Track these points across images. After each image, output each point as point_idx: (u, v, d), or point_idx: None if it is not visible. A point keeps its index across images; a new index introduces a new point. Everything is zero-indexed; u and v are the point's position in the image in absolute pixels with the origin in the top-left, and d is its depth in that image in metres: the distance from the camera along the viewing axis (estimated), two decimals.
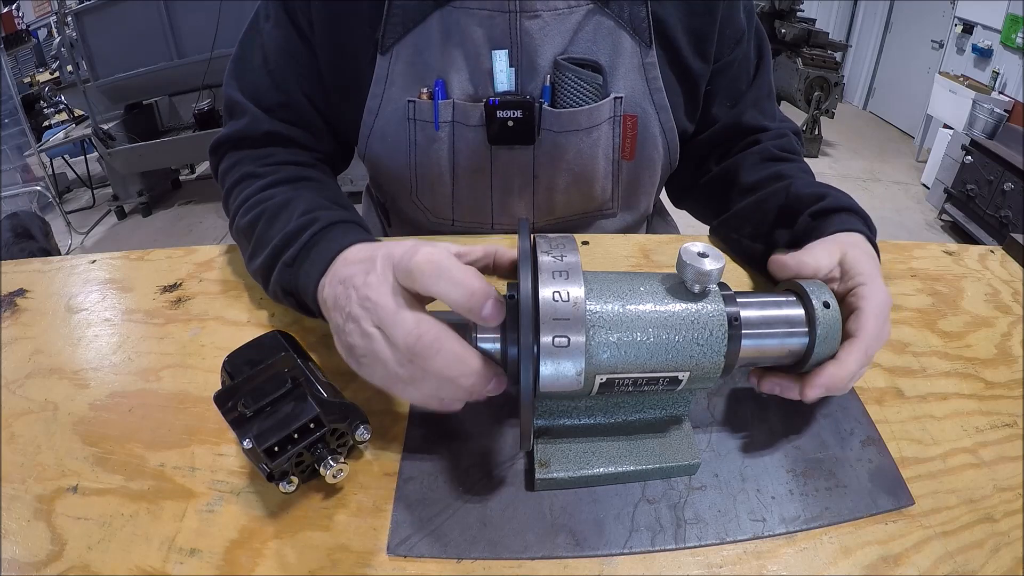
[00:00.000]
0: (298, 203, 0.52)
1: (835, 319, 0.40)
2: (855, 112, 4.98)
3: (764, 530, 0.38)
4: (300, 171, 0.60)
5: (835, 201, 0.54)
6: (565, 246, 0.37)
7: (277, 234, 0.49)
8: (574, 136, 0.63)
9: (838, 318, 0.40)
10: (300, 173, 0.60)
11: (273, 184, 0.57)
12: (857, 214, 0.54)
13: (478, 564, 0.36)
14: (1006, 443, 0.45)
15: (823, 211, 0.53)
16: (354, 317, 0.38)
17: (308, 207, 0.51)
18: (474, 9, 0.58)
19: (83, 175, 3.61)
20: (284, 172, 0.59)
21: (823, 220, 0.53)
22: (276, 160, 0.61)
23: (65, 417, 0.45)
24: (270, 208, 0.53)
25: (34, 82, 3.66)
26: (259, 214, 0.53)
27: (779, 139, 0.67)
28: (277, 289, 0.49)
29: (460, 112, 0.62)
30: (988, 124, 3.05)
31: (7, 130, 3.37)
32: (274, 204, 0.53)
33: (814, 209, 0.54)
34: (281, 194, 0.55)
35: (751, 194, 0.62)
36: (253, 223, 0.53)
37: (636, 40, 0.61)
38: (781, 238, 0.56)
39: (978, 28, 3.51)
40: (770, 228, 0.58)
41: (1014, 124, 3.04)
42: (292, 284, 0.47)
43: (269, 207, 0.53)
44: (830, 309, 0.40)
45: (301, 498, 0.39)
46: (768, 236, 0.58)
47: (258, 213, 0.53)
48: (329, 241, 0.46)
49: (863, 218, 0.54)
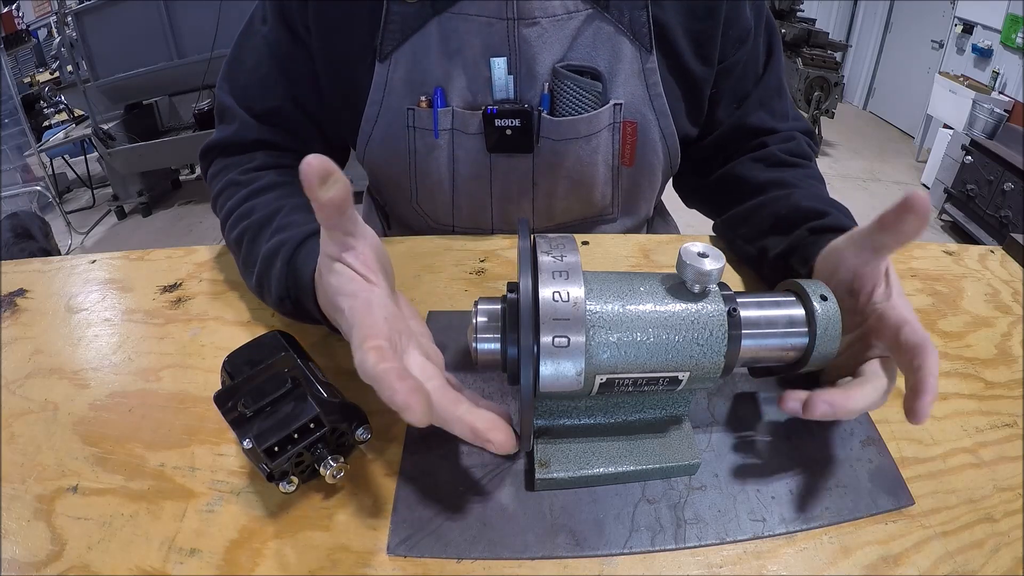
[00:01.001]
0: (275, 219, 0.52)
1: (834, 315, 0.40)
2: (855, 112, 4.98)
3: (764, 530, 0.38)
4: (282, 176, 0.60)
5: (836, 221, 0.52)
6: (565, 246, 0.37)
7: (258, 257, 0.50)
8: (573, 144, 0.63)
9: (837, 313, 0.40)
10: (282, 178, 0.59)
11: (254, 194, 0.57)
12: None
13: (478, 564, 0.36)
14: (1006, 443, 0.45)
15: (823, 229, 0.52)
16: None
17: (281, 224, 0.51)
18: (472, 16, 0.58)
19: (83, 175, 3.61)
20: (266, 179, 0.58)
21: (822, 237, 0.50)
22: (259, 165, 0.61)
23: (65, 417, 0.45)
24: (252, 226, 0.53)
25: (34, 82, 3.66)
26: (243, 231, 0.54)
27: (786, 142, 0.65)
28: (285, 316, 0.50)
29: (459, 120, 0.62)
30: (988, 124, 3.05)
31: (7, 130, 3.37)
32: (255, 222, 0.53)
33: (814, 225, 0.52)
34: (261, 207, 0.54)
35: (752, 198, 0.61)
36: (239, 240, 0.54)
37: (636, 45, 0.60)
38: (775, 245, 0.55)
39: (978, 28, 3.51)
40: (765, 233, 0.57)
41: (1014, 124, 3.04)
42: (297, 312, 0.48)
43: (251, 225, 0.53)
44: (828, 303, 0.40)
45: (301, 498, 0.39)
46: (763, 241, 0.57)
47: (241, 231, 0.54)
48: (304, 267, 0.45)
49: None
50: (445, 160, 0.64)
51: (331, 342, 0.51)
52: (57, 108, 3.56)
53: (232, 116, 0.62)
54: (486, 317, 0.38)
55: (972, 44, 3.54)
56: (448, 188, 0.67)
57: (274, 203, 0.54)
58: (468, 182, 0.66)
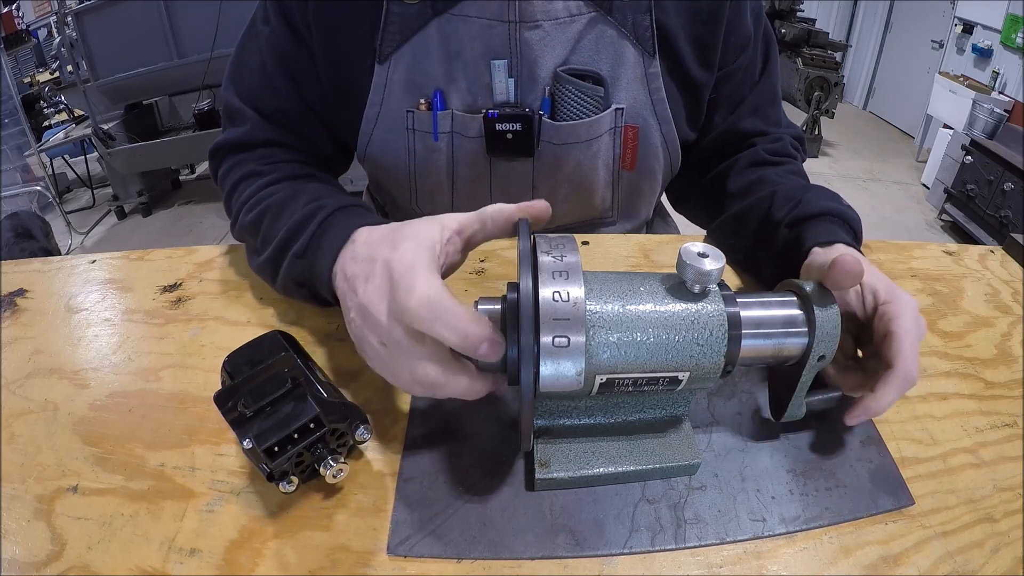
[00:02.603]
0: (302, 195, 0.53)
1: (834, 317, 0.40)
2: (855, 112, 4.98)
3: (764, 530, 0.38)
4: (301, 168, 0.61)
5: (809, 206, 0.52)
6: (565, 246, 0.37)
7: (283, 227, 0.50)
8: (574, 148, 0.62)
9: (837, 313, 0.40)
10: (301, 170, 0.60)
11: (276, 181, 0.57)
12: (834, 216, 0.52)
13: (478, 564, 0.36)
14: (1006, 443, 0.45)
15: (798, 220, 0.52)
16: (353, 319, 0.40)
17: (312, 197, 0.51)
18: (473, 18, 0.57)
19: (83, 175, 3.61)
20: (286, 169, 0.59)
21: (801, 230, 0.51)
22: (276, 159, 0.61)
23: (65, 417, 0.45)
24: (275, 204, 0.53)
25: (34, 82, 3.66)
26: (264, 210, 0.53)
27: (773, 143, 0.66)
28: (288, 282, 0.50)
29: (459, 123, 0.61)
30: (988, 124, 3.05)
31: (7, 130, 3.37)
32: (278, 200, 0.53)
33: (789, 219, 0.52)
34: (284, 190, 0.55)
35: (736, 200, 0.61)
36: (258, 219, 0.54)
37: (639, 50, 0.60)
38: (765, 259, 0.56)
39: (978, 28, 3.51)
40: (755, 247, 0.57)
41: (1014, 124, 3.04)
42: (306, 275, 0.47)
43: (273, 203, 0.53)
44: (829, 308, 0.40)
45: (301, 498, 0.39)
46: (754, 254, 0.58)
47: (263, 209, 0.54)
48: (336, 229, 0.46)
49: (842, 219, 0.52)
50: (444, 163, 0.64)
51: (331, 342, 0.51)
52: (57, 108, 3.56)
53: (243, 117, 0.62)
54: (486, 317, 0.38)
55: (972, 44, 3.54)
56: (447, 190, 0.66)
57: (296, 187, 0.55)
58: (467, 185, 0.66)
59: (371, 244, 0.42)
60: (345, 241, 0.44)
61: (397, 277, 0.37)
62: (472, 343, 0.34)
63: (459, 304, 0.35)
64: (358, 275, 0.40)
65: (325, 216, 0.48)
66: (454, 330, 0.34)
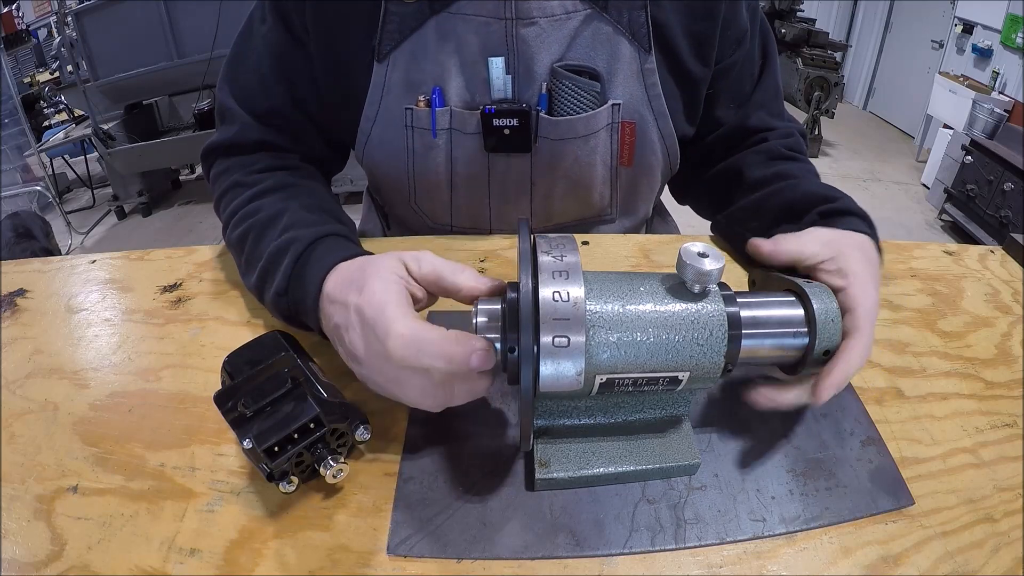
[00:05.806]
0: (282, 217, 0.52)
1: (835, 318, 0.40)
2: (855, 112, 4.98)
3: (764, 530, 0.38)
4: (288, 177, 0.60)
5: (846, 205, 0.54)
6: (565, 246, 0.37)
7: (264, 253, 0.50)
8: (571, 144, 0.63)
9: (837, 313, 0.40)
10: (287, 180, 0.60)
11: (260, 195, 0.57)
12: (865, 221, 0.54)
13: (478, 564, 0.36)
14: (1006, 443, 0.45)
15: (833, 212, 0.53)
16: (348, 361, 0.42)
17: (290, 222, 0.52)
18: (470, 16, 0.58)
19: (83, 175, 3.62)
20: (272, 180, 0.59)
21: (832, 221, 0.52)
22: (264, 167, 0.61)
23: (65, 417, 0.45)
24: (257, 224, 0.53)
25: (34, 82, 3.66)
26: (247, 230, 0.54)
27: (786, 138, 0.66)
28: (276, 313, 0.50)
29: (457, 120, 0.62)
30: (988, 124, 3.05)
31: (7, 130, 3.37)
32: (260, 221, 0.54)
33: (824, 208, 0.54)
34: (267, 207, 0.55)
35: (756, 191, 0.62)
36: (243, 238, 0.54)
37: (635, 46, 0.60)
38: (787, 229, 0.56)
39: (978, 28, 3.51)
40: (775, 223, 0.58)
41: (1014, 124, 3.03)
42: (291, 314, 0.48)
43: (256, 223, 0.54)
44: (830, 309, 0.40)
45: (301, 498, 0.39)
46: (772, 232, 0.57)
47: (246, 229, 0.54)
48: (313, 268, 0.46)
49: (871, 225, 0.54)
50: (443, 160, 0.64)
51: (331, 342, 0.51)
52: (57, 108, 3.56)
53: (233, 117, 0.62)
54: (486, 317, 0.38)
55: (972, 44, 3.54)
56: (446, 188, 0.67)
57: (280, 203, 0.55)
58: (466, 182, 0.66)
59: (341, 287, 0.43)
60: (320, 284, 0.44)
61: (371, 323, 0.38)
62: (460, 363, 0.35)
63: (435, 330, 0.36)
64: (340, 324, 0.41)
65: (299, 252, 0.48)
66: (438, 357, 0.36)
